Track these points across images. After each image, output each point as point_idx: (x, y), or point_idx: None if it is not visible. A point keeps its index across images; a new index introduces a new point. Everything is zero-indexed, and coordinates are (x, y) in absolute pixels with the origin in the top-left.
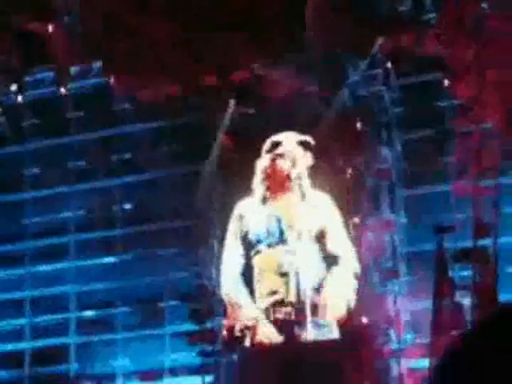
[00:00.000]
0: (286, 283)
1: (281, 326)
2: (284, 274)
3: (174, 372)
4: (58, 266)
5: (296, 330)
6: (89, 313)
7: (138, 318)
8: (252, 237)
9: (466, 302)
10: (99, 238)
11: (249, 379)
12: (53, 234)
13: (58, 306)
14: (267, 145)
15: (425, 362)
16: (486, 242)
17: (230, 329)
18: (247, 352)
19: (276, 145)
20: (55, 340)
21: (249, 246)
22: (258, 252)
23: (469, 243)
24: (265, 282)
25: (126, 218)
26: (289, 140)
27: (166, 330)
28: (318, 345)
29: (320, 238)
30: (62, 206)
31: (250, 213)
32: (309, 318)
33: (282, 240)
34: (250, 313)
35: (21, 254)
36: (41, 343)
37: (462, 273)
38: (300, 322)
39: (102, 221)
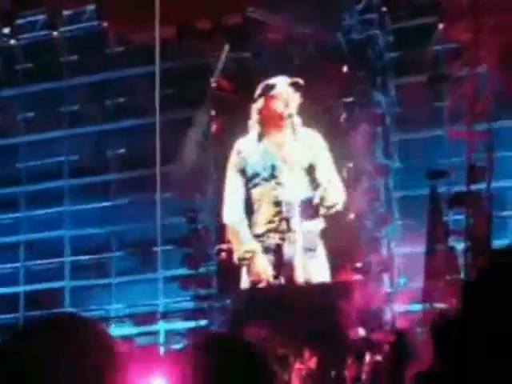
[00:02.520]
0: (279, 213)
1: (274, 250)
2: (278, 204)
3: (167, 316)
4: (53, 210)
5: (287, 253)
6: (83, 257)
7: (132, 263)
8: (249, 171)
9: (460, 246)
10: (94, 182)
11: (242, 323)
12: (47, 178)
13: (52, 250)
14: (260, 88)
15: (417, 306)
16: (480, 186)
17: (229, 251)
18: (241, 296)
19: (270, 87)
20: (50, 284)
21: (247, 178)
22: (255, 185)
23: (463, 188)
24: (262, 211)
25: (121, 162)
26: (281, 83)
27: (159, 275)
28: (310, 288)
29: (310, 171)
30: (56, 150)
31: (248, 149)
32: (299, 243)
33: (275, 174)
34: (248, 245)
35: (15, 198)
36: (35, 287)
37: (456, 217)
38: (291, 247)
39: (96, 165)
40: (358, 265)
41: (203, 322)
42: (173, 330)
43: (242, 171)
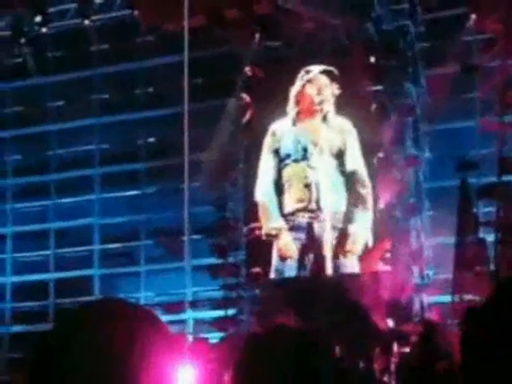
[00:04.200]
0: (309, 193)
1: (304, 228)
2: (308, 186)
3: (196, 305)
4: (82, 198)
5: (317, 231)
6: (112, 245)
7: (161, 251)
8: (282, 152)
9: (489, 238)
10: (123, 171)
11: (271, 312)
12: (77, 166)
13: (81, 238)
14: (301, 73)
15: (447, 298)
16: (510, 178)
17: (258, 228)
18: (269, 286)
19: (306, 73)
20: (79, 272)
21: (280, 159)
22: (286, 165)
23: (493, 179)
24: (292, 191)
25: (150, 151)
26: (316, 70)
27: (187, 264)
28: (338, 279)
29: (339, 156)
30: (86, 138)
31: (282, 131)
32: (328, 223)
33: (306, 156)
34: (275, 223)
35: (45, 185)
36: (65, 275)
37: (486, 209)
38: (320, 225)
39: (126, 154)
40: (387, 255)
41: (231, 311)
42: (201, 318)
43: (276, 152)
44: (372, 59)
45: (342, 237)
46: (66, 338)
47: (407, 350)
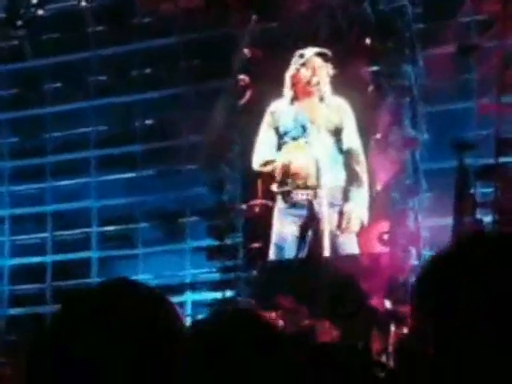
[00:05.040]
0: (308, 169)
1: (303, 205)
2: (306, 162)
3: (194, 287)
4: (79, 180)
5: (315, 207)
6: (110, 228)
7: (159, 234)
8: (281, 129)
9: (487, 219)
10: (120, 153)
11: (269, 294)
12: (74, 148)
13: (79, 221)
14: (295, 56)
15: None
16: (508, 159)
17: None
18: (267, 267)
19: (300, 56)
20: (76, 254)
21: (279, 136)
22: (285, 142)
23: (491, 160)
24: (291, 168)
25: (148, 133)
26: (310, 52)
27: (186, 246)
28: (336, 260)
29: (336, 134)
30: (82, 121)
31: (281, 110)
32: (325, 199)
33: (305, 134)
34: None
35: (42, 168)
36: (62, 257)
37: (484, 190)
38: (318, 202)
39: (123, 136)
40: (385, 237)
41: (229, 293)
42: (199, 300)
43: (275, 129)
44: (369, 40)
45: (339, 214)
46: (74, 323)
47: (404, 331)
